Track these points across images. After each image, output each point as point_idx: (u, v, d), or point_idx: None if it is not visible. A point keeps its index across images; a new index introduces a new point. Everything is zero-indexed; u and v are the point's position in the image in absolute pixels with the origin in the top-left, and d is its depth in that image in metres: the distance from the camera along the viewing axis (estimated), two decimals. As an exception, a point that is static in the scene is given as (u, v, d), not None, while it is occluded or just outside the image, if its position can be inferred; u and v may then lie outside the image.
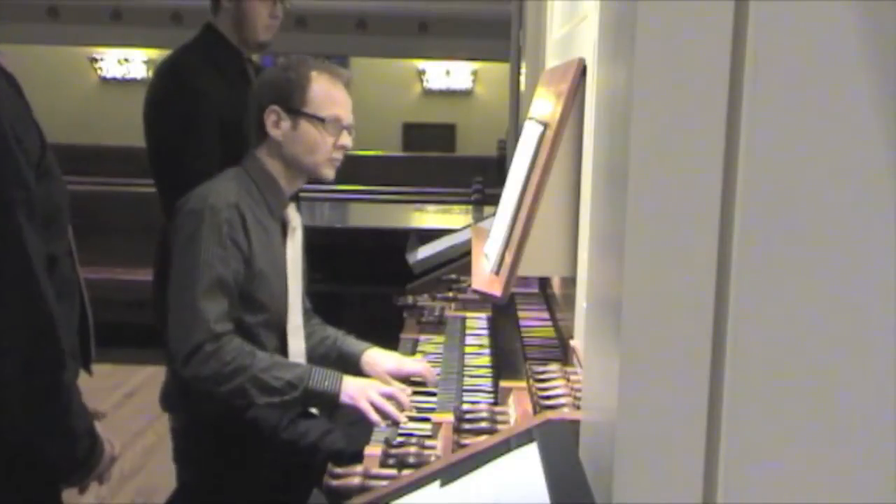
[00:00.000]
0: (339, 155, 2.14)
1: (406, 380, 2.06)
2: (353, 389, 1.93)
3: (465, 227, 3.61)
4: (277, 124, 2.10)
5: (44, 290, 1.51)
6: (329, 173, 2.15)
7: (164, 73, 2.76)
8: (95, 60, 10.84)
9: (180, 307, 2.00)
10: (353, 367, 2.17)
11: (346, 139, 2.13)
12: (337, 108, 2.11)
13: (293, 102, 2.09)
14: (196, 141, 2.55)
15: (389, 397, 1.91)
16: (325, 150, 2.11)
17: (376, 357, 2.16)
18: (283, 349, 2.15)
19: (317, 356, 2.25)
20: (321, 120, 2.09)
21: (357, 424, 2.08)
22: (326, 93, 2.11)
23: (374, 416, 1.86)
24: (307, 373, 1.98)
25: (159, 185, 2.67)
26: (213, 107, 2.56)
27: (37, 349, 1.51)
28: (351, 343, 2.25)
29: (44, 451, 1.59)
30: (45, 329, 1.51)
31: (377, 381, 2.02)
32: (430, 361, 2.14)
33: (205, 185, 2.10)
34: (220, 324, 1.98)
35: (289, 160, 2.13)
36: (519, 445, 1.01)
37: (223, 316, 1.99)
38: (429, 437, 1.64)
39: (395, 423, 1.83)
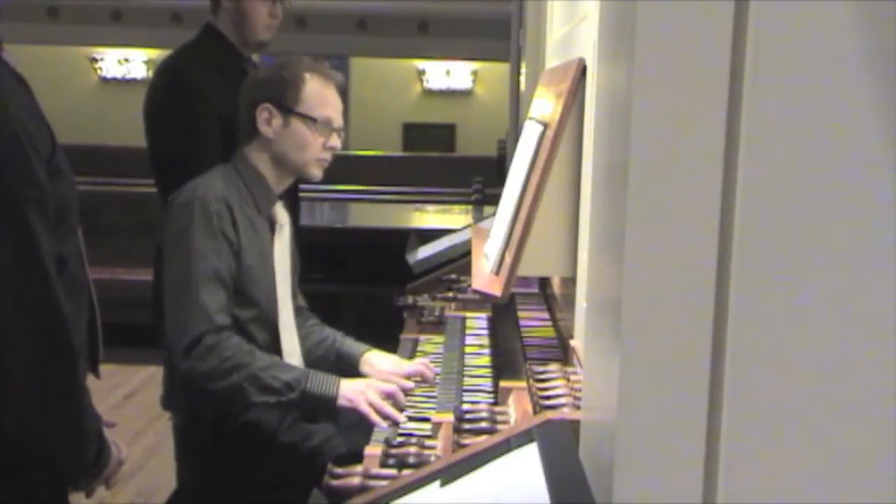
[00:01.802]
0: (327, 155, 2.17)
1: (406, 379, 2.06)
2: (351, 392, 1.94)
3: (465, 227, 3.61)
4: (269, 122, 2.12)
5: (56, 288, 1.51)
6: (317, 173, 2.17)
7: (165, 73, 2.76)
8: (95, 60, 10.83)
9: (179, 299, 2.01)
10: (353, 368, 2.17)
11: (335, 140, 2.16)
12: (328, 110, 2.14)
13: (286, 101, 2.11)
14: (196, 140, 2.55)
15: (388, 396, 1.91)
16: (315, 149, 2.13)
17: (375, 359, 2.16)
18: (275, 346, 2.14)
19: (315, 357, 2.25)
20: (313, 120, 2.12)
21: (357, 426, 2.08)
22: (319, 94, 2.13)
23: (375, 418, 1.87)
24: (305, 375, 1.98)
25: (160, 185, 2.68)
26: (213, 106, 2.56)
27: (50, 348, 1.51)
28: (350, 345, 2.25)
29: (56, 452, 1.59)
30: (58, 328, 1.51)
31: (375, 380, 2.02)
32: (430, 361, 2.14)
33: (194, 181, 2.12)
34: (221, 316, 1.99)
35: (278, 158, 2.15)
36: (519, 445, 1.01)
37: (223, 308, 2.00)
38: (429, 437, 1.64)
39: (396, 424, 1.83)
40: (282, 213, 2.22)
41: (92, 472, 1.63)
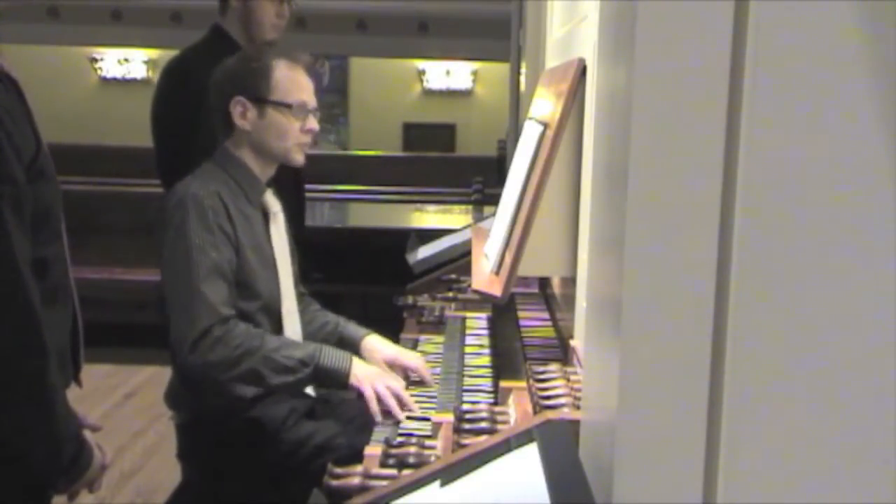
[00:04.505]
0: (307, 139, 2.16)
1: (405, 377, 2.05)
2: (362, 374, 1.94)
3: (465, 227, 3.61)
4: (244, 115, 2.12)
5: (28, 286, 1.48)
6: (299, 158, 2.17)
7: (170, 73, 2.78)
8: (95, 60, 10.83)
9: (181, 295, 2.00)
10: (353, 352, 2.17)
11: (312, 123, 2.16)
12: (302, 94, 2.13)
13: (258, 91, 2.11)
14: (202, 139, 2.56)
15: (395, 394, 1.90)
16: (294, 135, 2.13)
17: (376, 344, 2.16)
18: (279, 334, 2.14)
19: (317, 341, 2.25)
20: (288, 106, 2.11)
21: (356, 421, 2.08)
22: (290, 78, 2.13)
23: (375, 406, 1.86)
24: (318, 350, 1.99)
25: (165, 184, 2.69)
26: None
27: (19, 350, 1.49)
28: (352, 329, 2.26)
29: (27, 454, 1.56)
30: (28, 329, 1.49)
31: (386, 371, 2.02)
32: (430, 361, 2.14)
33: (183, 181, 2.12)
34: (226, 307, 1.99)
35: (258, 148, 2.15)
36: (519, 445, 1.01)
37: (226, 300, 2.00)
38: (429, 437, 1.64)
39: (396, 422, 1.82)
40: (273, 201, 2.22)
41: (70, 475, 1.61)
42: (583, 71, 1.67)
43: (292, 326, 2.18)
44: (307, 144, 2.17)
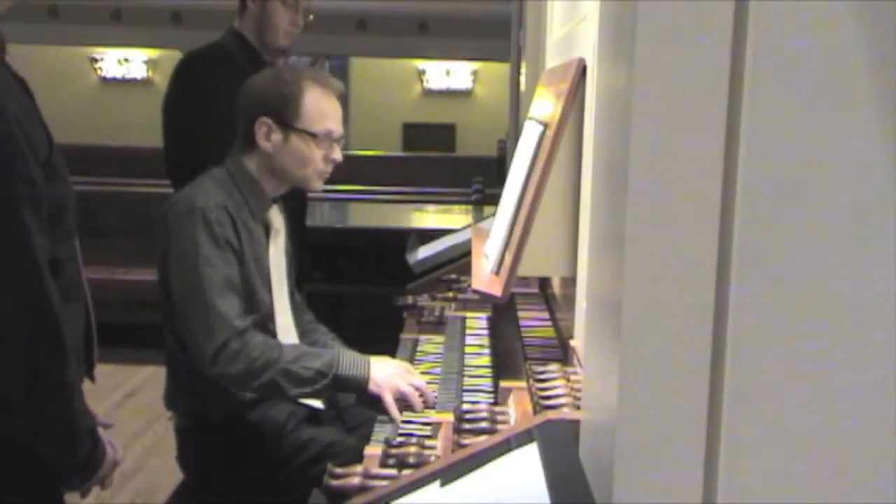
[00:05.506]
0: (328, 168, 2.13)
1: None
2: (381, 378, 1.91)
3: (465, 227, 3.61)
4: (268, 136, 2.08)
5: (48, 285, 1.50)
6: (317, 185, 2.15)
7: (182, 71, 2.81)
8: (95, 60, 10.84)
9: (196, 309, 1.99)
10: None
11: (336, 153, 2.12)
12: (329, 122, 2.09)
13: (285, 116, 2.06)
14: (212, 139, 2.57)
15: (417, 389, 1.89)
16: (316, 164, 2.10)
17: None
18: None
19: None
20: (314, 136, 2.07)
21: (361, 429, 2.07)
22: (319, 106, 2.08)
23: (396, 413, 1.84)
24: (336, 359, 1.97)
25: (175, 183, 2.70)
26: (229, 106, 2.58)
27: (40, 348, 1.51)
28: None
29: (45, 451, 1.58)
30: (49, 327, 1.50)
31: (405, 367, 2.01)
32: (430, 362, 2.14)
33: (188, 188, 2.10)
34: (241, 319, 1.99)
35: (277, 171, 2.11)
36: (519, 445, 1.01)
37: (240, 312, 2.00)
38: (429, 437, 1.64)
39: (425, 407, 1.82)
40: (277, 218, 2.20)
41: (85, 472, 1.62)
42: (583, 71, 1.67)
43: (289, 342, 2.18)
44: (328, 173, 2.13)
